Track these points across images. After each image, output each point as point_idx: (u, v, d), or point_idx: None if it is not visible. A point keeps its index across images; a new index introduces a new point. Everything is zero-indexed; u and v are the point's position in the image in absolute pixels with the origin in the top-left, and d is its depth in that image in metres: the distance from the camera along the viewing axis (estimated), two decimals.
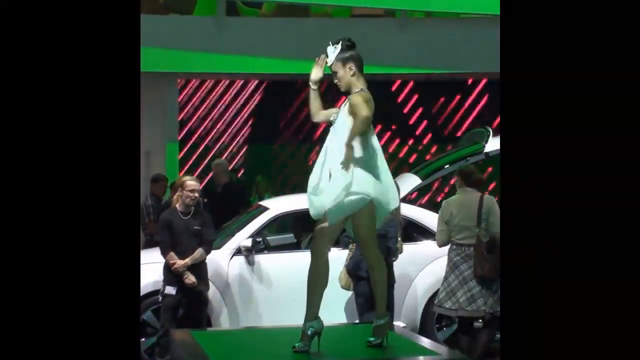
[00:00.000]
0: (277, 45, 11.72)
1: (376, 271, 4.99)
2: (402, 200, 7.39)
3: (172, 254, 7.11)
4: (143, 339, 7.27)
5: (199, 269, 7.19)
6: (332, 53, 4.84)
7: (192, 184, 7.25)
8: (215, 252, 7.44)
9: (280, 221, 8.37)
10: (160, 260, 7.21)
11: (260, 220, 7.73)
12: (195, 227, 7.18)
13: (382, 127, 13.27)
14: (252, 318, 7.49)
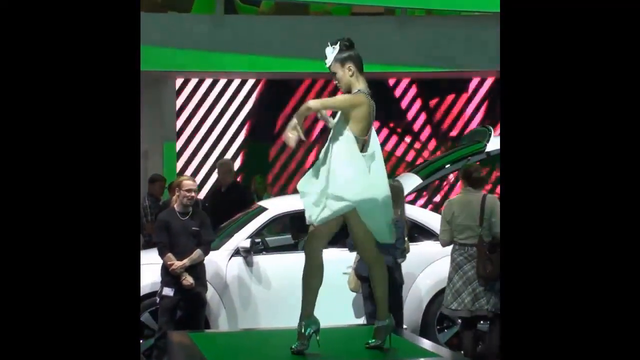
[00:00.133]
0: (276, 43, 11.69)
1: (375, 271, 4.98)
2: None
3: (170, 255, 7.10)
4: (141, 341, 7.25)
5: (197, 270, 7.18)
6: (331, 53, 4.82)
7: (189, 184, 7.25)
8: (213, 253, 7.42)
9: (279, 222, 8.35)
10: (158, 261, 7.19)
11: (259, 220, 7.71)
12: (193, 228, 7.18)
13: (382, 126, 13.24)
14: (251, 320, 7.47)
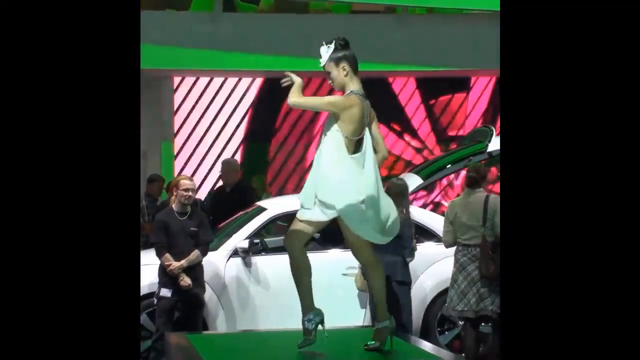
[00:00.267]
0: (276, 42, 11.64)
1: (371, 274, 4.96)
2: None
3: (168, 256, 7.08)
4: None
5: (195, 271, 7.16)
6: (325, 53, 4.82)
7: (187, 184, 7.25)
8: (211, 254, 7.40)
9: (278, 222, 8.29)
10: (155, 262, 7.17)
11: (257, 221, 7.70)
12: (191, 229, 7.16)
13: (382, 125, 13.15)
14: (249, 321, 7.45)
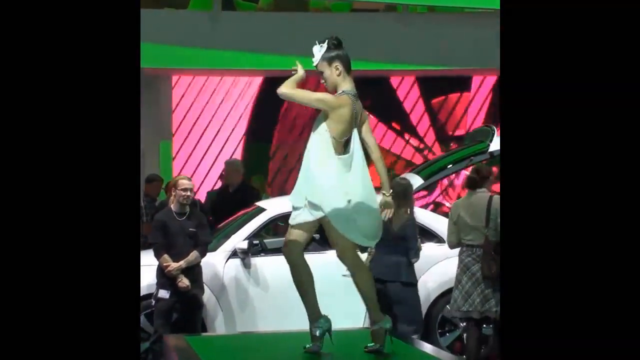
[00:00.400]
0: (275, 40, 11.62)
1: (359, 275, 4.92)
2: None
3: (166, 256, 7.06)
4: None
5: (194, 272, 7.14)
6: (318, 52, 4.82)
7: (185, 183, 7.24)
8: (210, 255, 7.37)
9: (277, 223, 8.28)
10: (154, 262, 7.14)
11: (257, 221, 7.67)
12: (190, 229, 7.15)
13: (383, 125, 13.15)
14: (249, 322, 7.43)
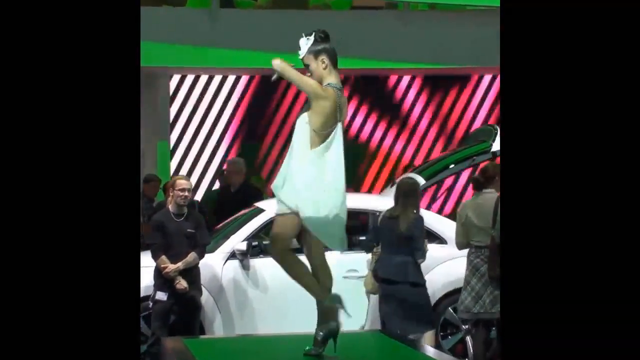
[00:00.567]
0: (274, 38, 11.52)
1: (321, 274, 4.83)
2: None
3: (164, 258, 7.04)
4: None
5: (192, 274, 7.13)
6: (305, 45, 4.78)
7: (183, 184, 7.23)
8: (208, 256, 7.36)
9: None
10: (151, 264, 7.11)
11: (255, 222, 7.64)
12: (188, 230, 7.14)
13: (382, 124, 13.08)
14: (247, 325, 7.43)
